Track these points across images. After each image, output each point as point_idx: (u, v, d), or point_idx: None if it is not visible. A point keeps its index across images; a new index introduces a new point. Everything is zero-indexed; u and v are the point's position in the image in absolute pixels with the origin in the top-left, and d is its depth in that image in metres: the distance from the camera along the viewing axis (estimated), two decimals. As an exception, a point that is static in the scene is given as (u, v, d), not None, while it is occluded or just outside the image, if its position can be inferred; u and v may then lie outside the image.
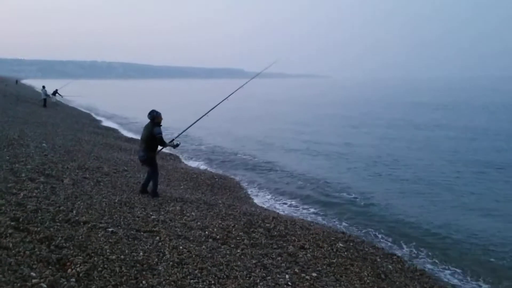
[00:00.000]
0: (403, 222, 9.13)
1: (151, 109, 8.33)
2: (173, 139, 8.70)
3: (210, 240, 6.31)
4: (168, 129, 18.20)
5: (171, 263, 5.09)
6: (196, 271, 5.01)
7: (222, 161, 15.78)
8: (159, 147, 8.49)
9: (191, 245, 5.84)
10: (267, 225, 7.66)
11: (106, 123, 27.37)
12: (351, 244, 7.39)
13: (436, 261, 7.46)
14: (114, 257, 4.86)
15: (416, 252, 7.81)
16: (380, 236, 8.53)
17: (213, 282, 4.84)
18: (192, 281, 4.75)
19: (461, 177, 13.16)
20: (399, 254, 7.50)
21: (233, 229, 7.03)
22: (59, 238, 5.00)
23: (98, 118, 30.22)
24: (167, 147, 8.64)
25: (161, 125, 8.29)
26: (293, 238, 7.15)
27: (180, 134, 9.49)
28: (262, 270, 5.50)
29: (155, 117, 8.18)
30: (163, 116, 8.25)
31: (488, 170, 14.00)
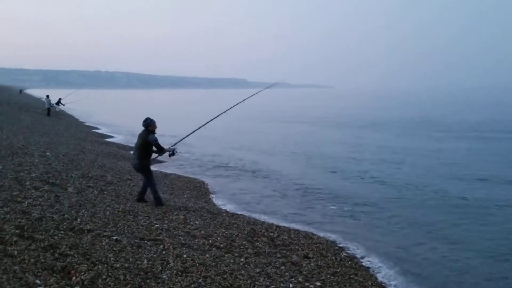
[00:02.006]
0: (407, 232, 9.08)
1: (145, 117, 8.36)
2: (169, 147, 8.68)
3: (214, 248, 6.32)
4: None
5: (175, 271, 5.09)
6: (200, 280, 5.00)
7: (215, 168, 15.69)
8: (154, 155, 8.48)
9: (195, 254, 5.85)
10: (270, 234, 7.66)
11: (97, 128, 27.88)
12: (355, 253, 7.36)
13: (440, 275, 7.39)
14: (118, 265, 4.87)
15: (418, 263, 7.75)
16: (384, 246, 8.47)
17: (217, 290, 4.84)
18: (196, 289, 4.74)
19: (464, 188, 13.11)
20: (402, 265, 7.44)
21: (236, 238, 7.03)
22: (64, 246, 5.02)
23: (86, 123, 30.68)
24: (164, 155, 8.59)
25: (155, 133, 8.30)
26: (297, 247, 7.14)
27: (177, 143, 9.42)
28: (266, 279, 5.49)
29: (149, 124, 8.21)
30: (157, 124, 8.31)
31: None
